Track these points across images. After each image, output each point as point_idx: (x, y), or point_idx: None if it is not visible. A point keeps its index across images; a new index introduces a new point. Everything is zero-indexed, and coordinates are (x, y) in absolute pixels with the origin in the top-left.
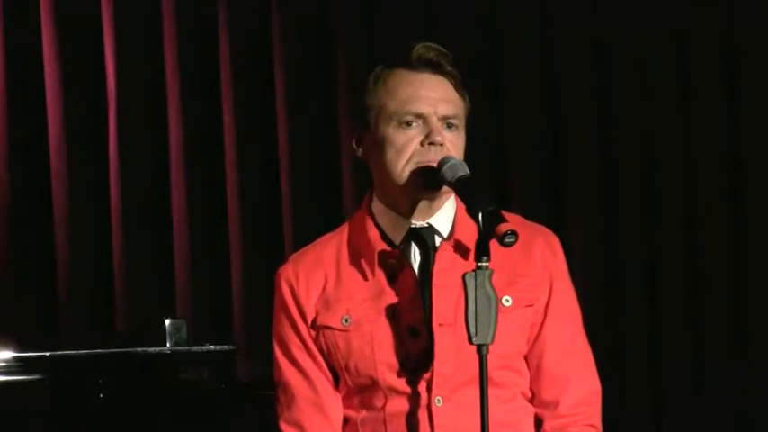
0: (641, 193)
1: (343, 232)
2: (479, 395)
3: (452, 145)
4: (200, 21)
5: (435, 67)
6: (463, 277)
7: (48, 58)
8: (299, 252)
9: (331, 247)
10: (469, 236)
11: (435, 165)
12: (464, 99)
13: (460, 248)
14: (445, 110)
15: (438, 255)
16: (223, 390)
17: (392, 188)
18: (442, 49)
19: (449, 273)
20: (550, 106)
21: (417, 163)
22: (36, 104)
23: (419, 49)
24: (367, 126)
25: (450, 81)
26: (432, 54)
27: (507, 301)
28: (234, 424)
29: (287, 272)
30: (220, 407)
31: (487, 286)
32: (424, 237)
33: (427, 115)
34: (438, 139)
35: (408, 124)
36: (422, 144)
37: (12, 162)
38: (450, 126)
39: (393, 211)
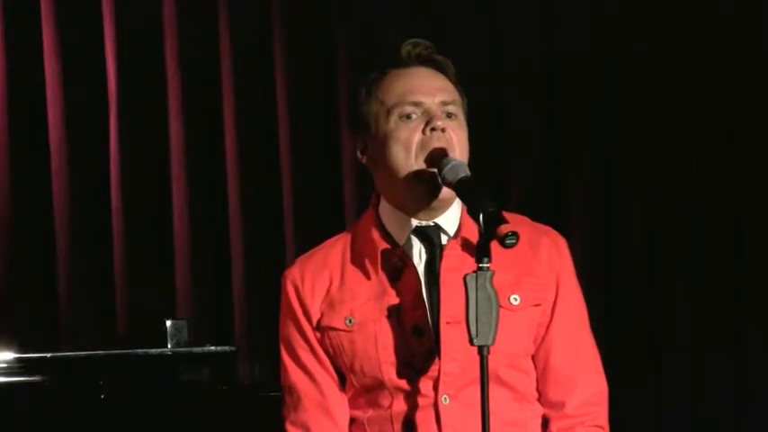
0: (641, 193)
1: (349, 234)
2: (486, 395)
3: (455, 134)
4: (201, 21)
5: (426, 61)
6: (464, 279)
7: (48, 58)
8: (306, 254)
9: (337, 249)
10: (477, 234)
11: (437, 170)
12: (460, 91)
13: (468, 247)
14: (443, 96)
15: (446, 253)
16: (224, 391)
17: (399, 187)
18: (429, 43)
19: (457, 271)
20: (550, 110)
21: (423, 155)
22: (36, 104)
23: (407, 46)
24: (368, 131)
25: (442, 73)
26: (419, 49)
27: (516, 299)
28: (235, 425)
29: (293, 274)
30: (221, 408)
31: (488, 287)
32: (430, 235)
33: (426, 103)
34: (439, 123)
35: (408, 117)
36: (423, 132)
37: (12, 162)
38: (449, 115)
39: (400, 210)
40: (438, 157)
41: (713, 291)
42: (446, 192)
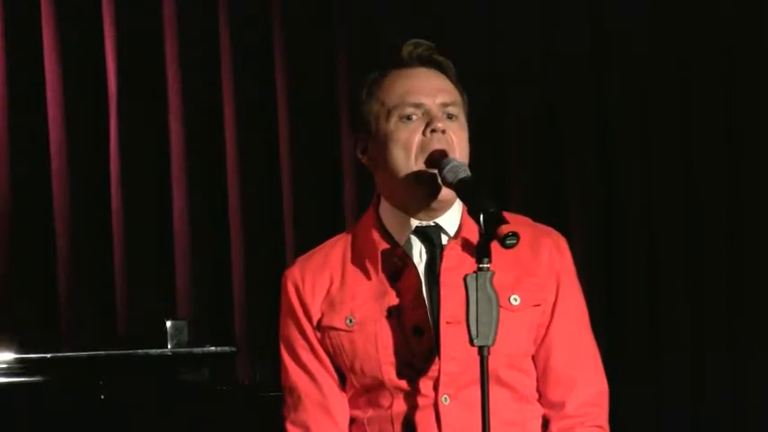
0: (641, 194)
1: (350, 234)
2: (486, 395)
3: (455, 135)
4: (201, 21)
5: (427, 62)
6: (464, 279)
7: (48, 58)
8: (306, 254)
9: (338, 249)
10: (477, 234)
11: (438, 171)
12: (460, 92)
13: (468, 247)
14: (443, 97)
15: (446, 253)
16: (224, 391)
17: (399, 187)
18: (430, 43)
19: (457, 271)
20: (550, 110)
21: (423, 156)
22: (37, 104)
23: (408, 46)
24: (369, 132)
25: (443, 73)
26: (421, 49)
27: (516, 300)
28: (235, 426)
29: (293, 274)
30: (221, 408)
31: (489, 288)
32: (431, 235)
33: (426, 104)
34: (439, 125)
35: (409, 118)
36: (424, 134)
37: (12, 162)
38: (450, 117)
39: (400, 210)
40: (438, 158)
41: (713, 291)
42: (446, 192)
